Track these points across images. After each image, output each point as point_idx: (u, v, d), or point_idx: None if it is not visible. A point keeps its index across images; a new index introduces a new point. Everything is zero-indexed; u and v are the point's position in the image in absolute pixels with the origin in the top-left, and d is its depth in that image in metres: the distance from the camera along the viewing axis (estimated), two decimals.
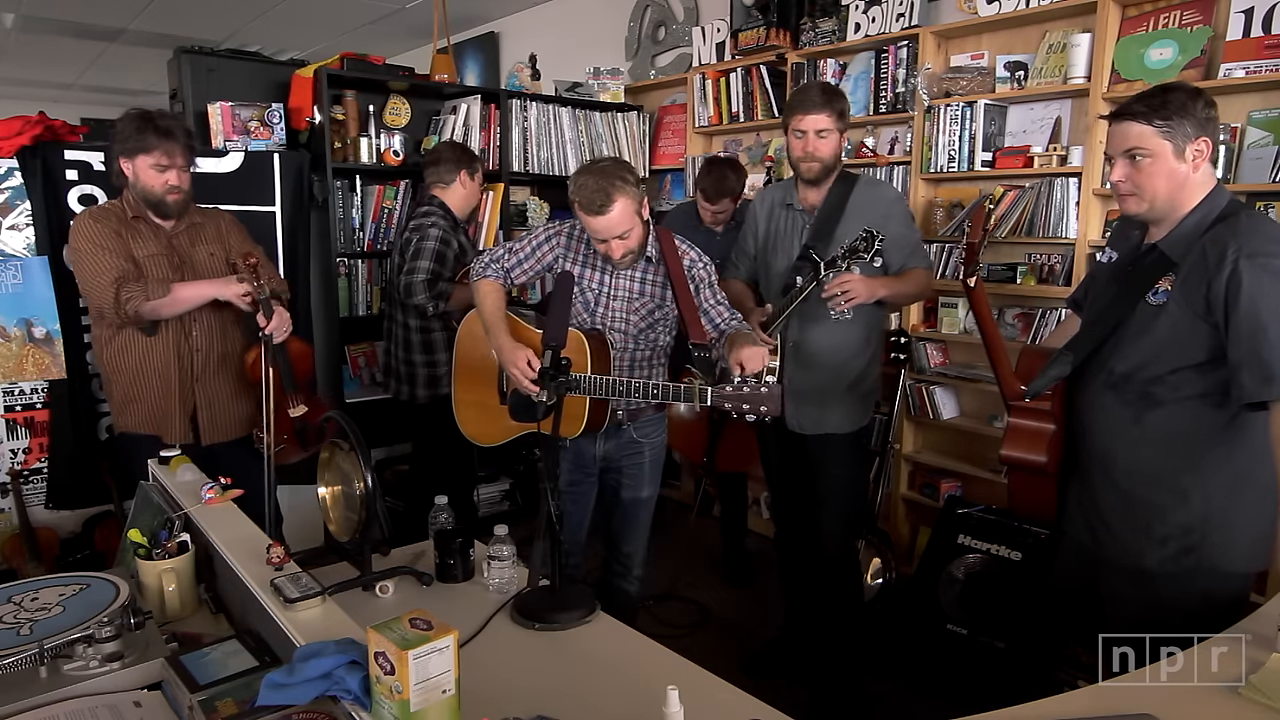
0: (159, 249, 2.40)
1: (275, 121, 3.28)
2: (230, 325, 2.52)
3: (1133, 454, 1.67)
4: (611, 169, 2.01)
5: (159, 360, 2.42)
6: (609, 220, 1.98)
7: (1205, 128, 1.54)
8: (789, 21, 3.73)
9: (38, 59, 6.70)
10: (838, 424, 2.41)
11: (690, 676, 1.39)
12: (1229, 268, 1.47)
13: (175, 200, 2.38)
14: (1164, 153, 1.54)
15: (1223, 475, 1.60)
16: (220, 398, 2.52)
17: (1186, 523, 1.61)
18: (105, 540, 3.01)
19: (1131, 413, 1.65)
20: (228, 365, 2.53)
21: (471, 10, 5.43)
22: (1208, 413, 1.58)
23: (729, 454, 3.10)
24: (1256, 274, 1.45)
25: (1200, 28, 2.66)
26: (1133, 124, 1.55)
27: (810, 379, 2.40)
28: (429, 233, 2.86)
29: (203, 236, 2.51)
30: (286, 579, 1.37)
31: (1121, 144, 1.58)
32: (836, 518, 2.46)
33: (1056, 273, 3.03)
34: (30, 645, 1.29)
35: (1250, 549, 1.61)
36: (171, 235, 2.44)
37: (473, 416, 2.42)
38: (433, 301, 2.80)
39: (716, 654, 2.81)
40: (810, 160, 2.30)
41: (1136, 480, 1.67)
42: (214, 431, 2.52)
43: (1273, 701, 1.19)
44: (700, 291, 2.16)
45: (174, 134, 2.33)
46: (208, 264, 2.48)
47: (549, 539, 1.69)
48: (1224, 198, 1.59)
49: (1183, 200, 1.58)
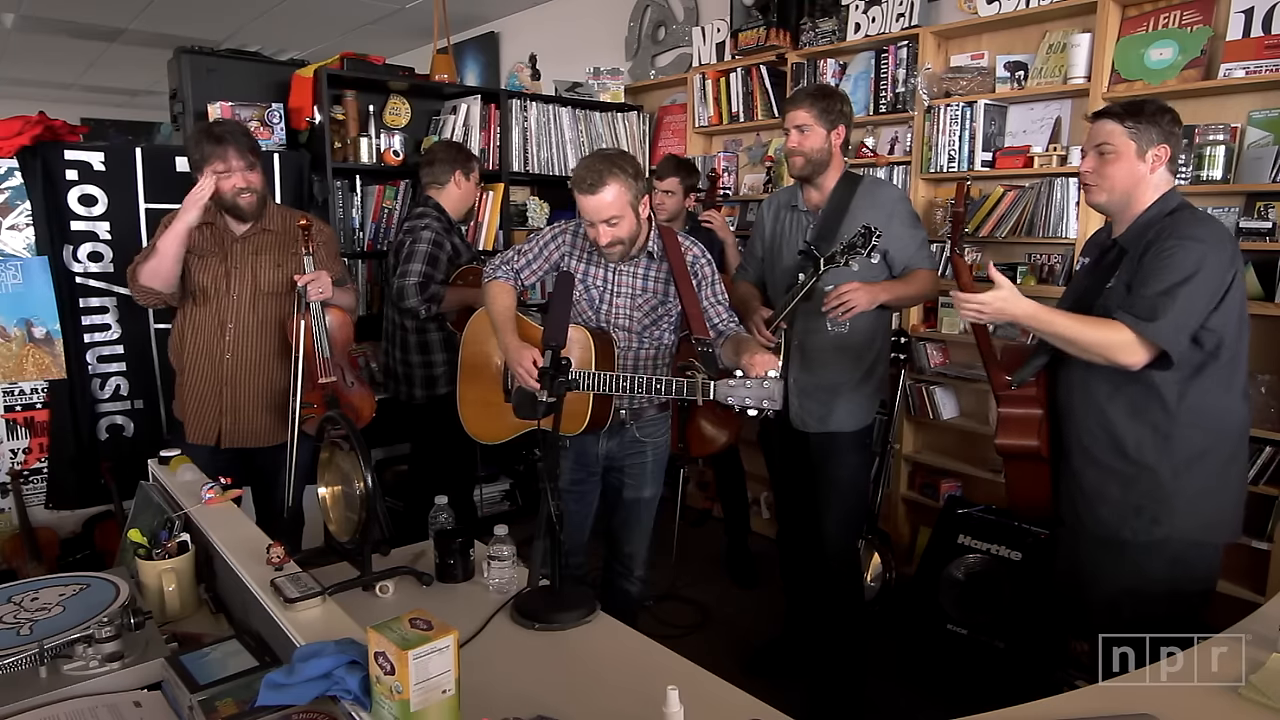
0: (213, 249, 2.45)
1: (275, 121, 3.28)
2: (270, 334, 2.51)
3: (1105, 428, 1.81)
4: (613, 155, 2.04)
5: (195, 357, 2.48)
6: (598, 201, 2.00)
7: (1168, 138, 1.75)
8: (789, 21, 3.73)
9: (38, 59, 6.70)
10: (841, 422, 2.41)
11: (690, 676, 1.39)
12: (1168, 242, 1.69)
13: (248, 202, 2.42)
14: (1128, 151, 1.75)
15: (1180, 446, 1.74)
16: (246, 405, 2.51)
17: (1154, 492, 1.76)
18: (105, 540, 3.01)
19: (1106, 389, 1.80)
20: (260, 373, 2.51)
21: (471, 10, 5.43)
22: (1164, 385, 1.73)
23: (700, 438, 3.13)
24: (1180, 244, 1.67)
25: (1200, 28, 2.66)
26: (1108, 122, 1.77)
27: (815, 376, 2.41)
28: (421, 235, 2.85)
29: (271, 247, 2.50)
30: (286, 579, 1.37)
31: (1095, 139, 1.79)
32: (838, 517, 2.46)
33: (1056, 273, 3.03)
34: (30, 645, 1.29)
35: (1213, 517, 1.77)
36: (238, 239, 2.46)
37: (476, 415, 2.43)
38: (425, 305, 2.78)
39: (716, 654, 2.81)
40: (794, 154, 2.33)
41: (1110, 453, 1.81)
42: (235, 437, 2.51)
43: (1273, 701, 1.19)
44: (701, 289, 2.17)
45: (226, 140, 2.39)
46: (271, 277, 2.48)
47: (549, 539, 1.69)
48: (1176, 199, 1.78)
49: (1139, 197, 1.77)
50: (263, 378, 2.51)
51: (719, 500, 3.74)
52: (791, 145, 2.33)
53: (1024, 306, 1.71)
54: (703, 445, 3.21)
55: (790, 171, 2.38)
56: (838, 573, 2.51)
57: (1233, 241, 1.74)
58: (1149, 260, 1.70)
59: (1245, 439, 1.83)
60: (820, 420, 2.42)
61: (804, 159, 2.33)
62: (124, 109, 8.60)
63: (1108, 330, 1.67)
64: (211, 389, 2.49)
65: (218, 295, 2.45)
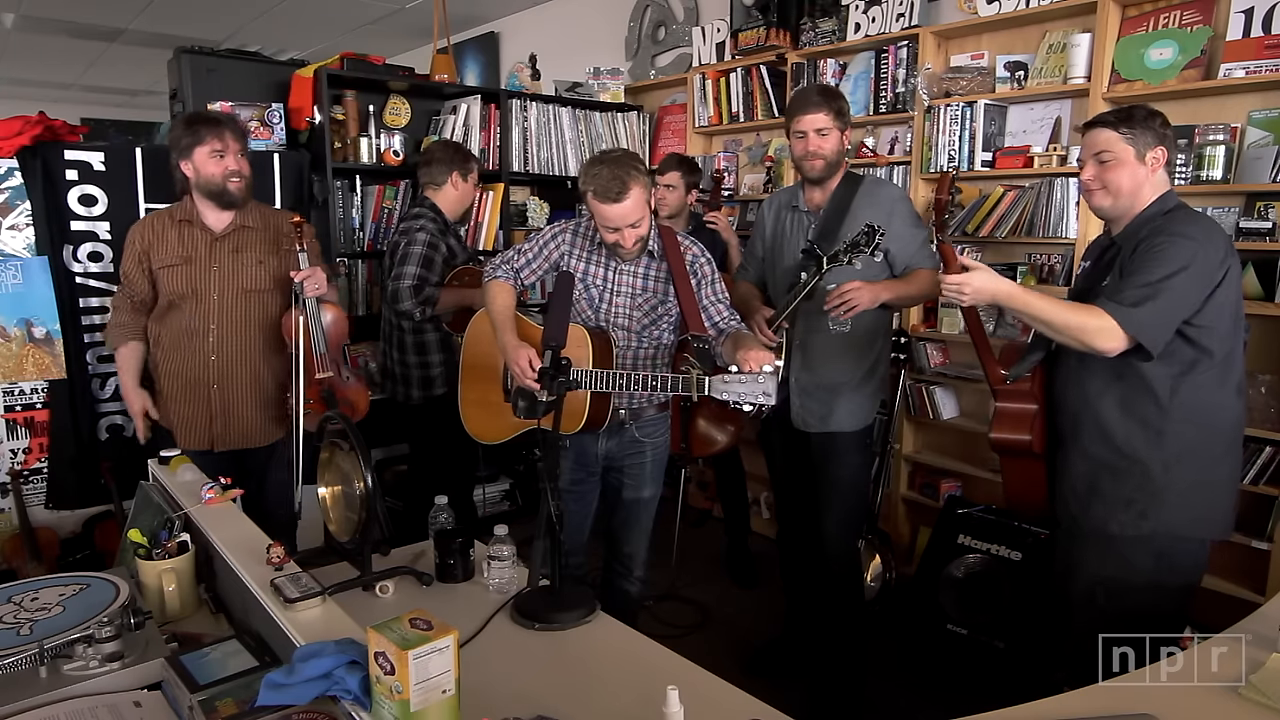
0: (180, 259, 2.40)
1: (275, 121, 3.27)
2: (256, 332, 2.48)
3: (1097, 422, 1.83)
4: (625, 159, 2.04)
5: (175, 362, 2.44)
6: (624, 209, 2.01)
7: (1162, 140, 1.78)
8: (789, 21, 3.73)
9: (38, 59, 6.70)
10: (842, 421, 2.42)
11: (690, 676, 1.39)
12: (1159, 238, 1.71)
13: (237, 187, 2.40)
14: (1127, 157, 1.77)
15: (1172, 442, 1.76)
16: (237, 406, 2.49)
17: (1144, 485, 1.78)
18: (105, 540, 3.01)
19: (1098, 384, 1.82)
20: (249, 373, 2.49)
21: (471, 10, 5.43)
22: (1157, 381, 1.74)
23: (702, 439, 3.13)
24: (1170, 240, 1.70)
25: (1200, 28, 2.66)
26: (1103, 130, 1.80)
27: (817, 376, 2.41)
28: (416, 237, 2.84)
29: (252, 244, 2.48)
30: (286, 579, 1.38)
31: (1092, 148, 1.82)
32: (839, 517, 2.46)
33: (1056, 273, 3.03)
34: (30, 645, 1.29)
35: (1202, 513, 1.79)
36: (217, 238, 2.43)
37: (477, 414, 2.43)
38: (419, 307, 2.76)
39: (716, 654, 2.81)
40: (814, 158, 2.33)
41: (1101, 447, 1.83)
42: (228, 439, 2.50)
43: (1273, 701, 1.19)
44: (701, 287, 2.17)
45: (223, 122, 2.40)
46: (253, 275, 2.46)
47: (549, 539, 1.69)
48: (1173, 199, 1.81)
49: (1140, 199, 1.80)
50: (252, 377, 2.49)
51: (719, 500, 3.74)
52: (811, 148, 2.32)
53: (1003, 285, 1.75)
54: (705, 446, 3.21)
55: (809, 175, 2.38)
56: (838, 573, 2.50)
57: (1226, 240, 1.75)
58: (1140, 254, 1.72)
59: (1239, 436, 1.84)
60: (821, 420, 2.42)
61: (824, 161, 2.33)
62: (124, 109, 8.60)
63: (1086, 315, 1.68)
64: (200, 393, 2.45)
65: (197, 299, 2.41)
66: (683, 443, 3.12)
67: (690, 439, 3.13)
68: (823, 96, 2.34)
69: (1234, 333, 1.75)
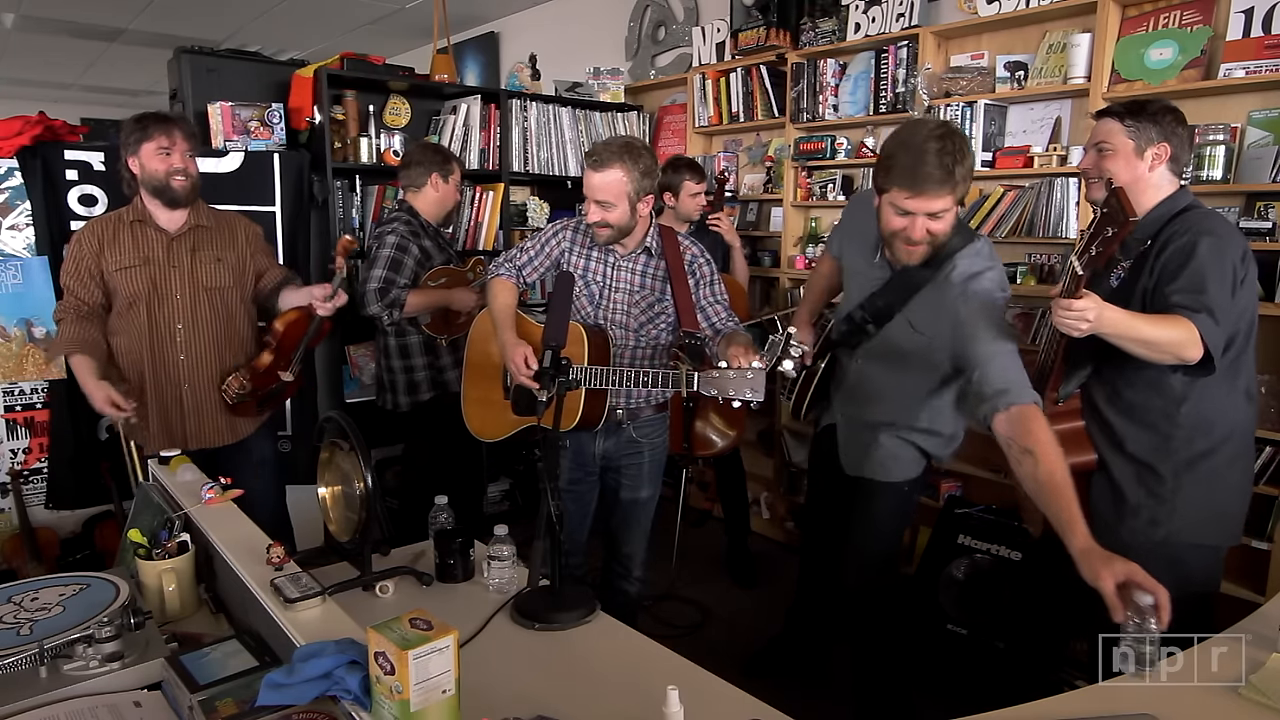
0: (139, 260, 2.36)
1: (275, 121, 3.27)
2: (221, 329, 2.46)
3: (1106, 428, 1.81)
4: (633, 143, 2.06)
5: (143, 365, 2.40)
6: (598, 179, 2.04)
7: (1169, 137, 1.74)
8: (789, 21, 3.73)
9: (38, 59, 6.70)
10: (876, 470, 2.21)
11: (690, 676, 1.39)
12: (1185, 238, 1.66)
13: (181, 185, 2.36)
14: (1125, 149, 1.75)
15: (1182, 447, 1.74)
16: (207, 403, 2.47)
17: (1154, 492, 1.76)
18: (105, 540, 3.02)
19: (1107, 390, 1.81)
20: (217, 369, 2.47)
21: (471, 10, 5.43)
22: (1165, 387, 1.73)
23: (704, 440, 3.14)
24: (1206, 241, 1.65)
25: (1200, 28, 2.66)
26: (1108, 120, 1.78)
27: (858, 415, 2.26)
28: (385, 240, 2.82)
29: (209, 243, 2.46)
30: (286, 579, 1.37)
31: (1094, 137, 1.81)
32: (858, 560, 2.28)
33: (1056, 273, 3.03)
34: (30, 645, 1.29)
35: (1213, 520, 1.76)
36: (174, 238, 2.41)
37: (478, 412, 2.44)
38: (386, 310, 2.74)
39: (716, 654, 2.81)
40: (921, 244, 1.88)
41: (1111, 453, 1.81)
42: (200, 438, 2.48)
43: (1273, 701, 1.19)
44: (700, 288, 2.17)
45: (173, 120, 2.37)
46: (211, 272, 2.44)
47: (549, 539, 1.69)
48: (1186, 198, 1.76)
49: (1138, 195, 1.73)
50: (222, 374, 2.48)
51: (719, 500, 3.74)
52: (917, 236, 1.87)
53: (1116, 311, 1.55)
54: (706, 446, 3.21)
55: (908, 260, 1.96)
56: (858, 604, 2.32)
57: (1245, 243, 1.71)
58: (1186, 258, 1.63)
59: (1250, 441, 1.81)
60: (855, 464, 2.26)
61: (929, 249, 1.92)
62: (124, 109, 8.56)
63: (1173, 327, 1.57)
64: (171, 393, 2.44)
65: (159, 299, 2.38)
66: (684, 443, 3.12)
67: (693, 440, 3.13)
68: (945, 171, 1.75)
69: (1248, 334, 1.72)
